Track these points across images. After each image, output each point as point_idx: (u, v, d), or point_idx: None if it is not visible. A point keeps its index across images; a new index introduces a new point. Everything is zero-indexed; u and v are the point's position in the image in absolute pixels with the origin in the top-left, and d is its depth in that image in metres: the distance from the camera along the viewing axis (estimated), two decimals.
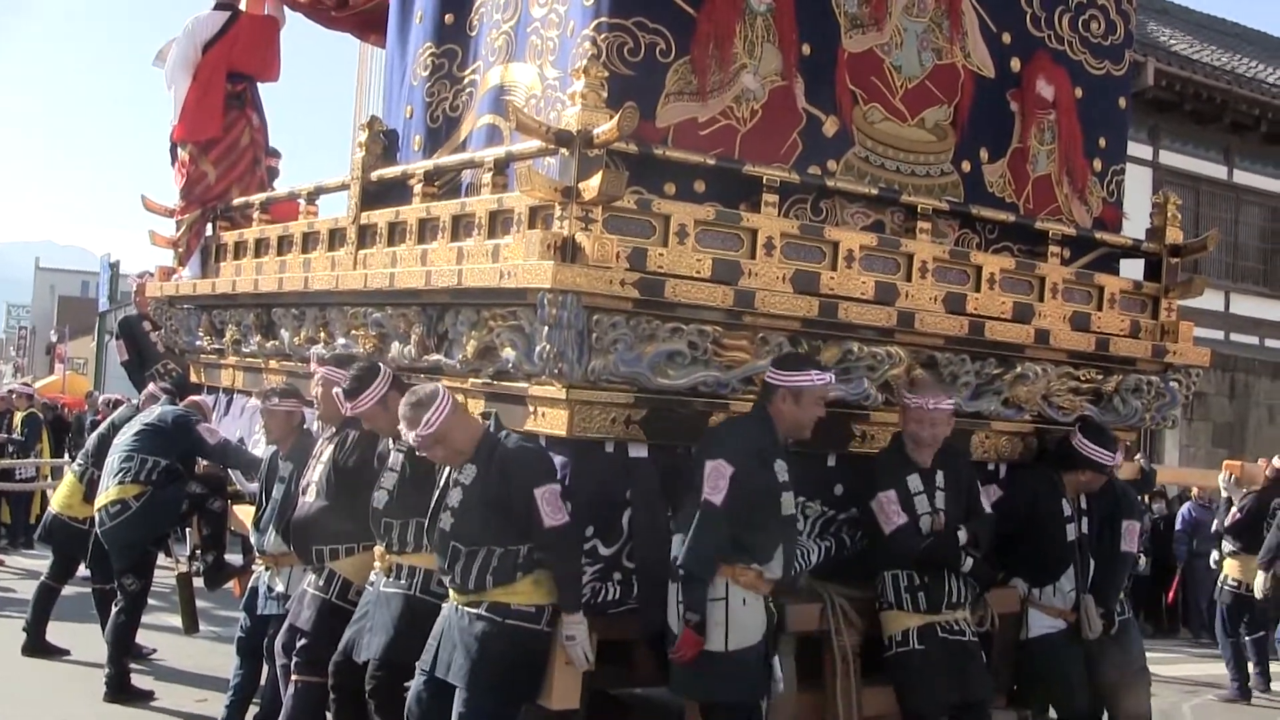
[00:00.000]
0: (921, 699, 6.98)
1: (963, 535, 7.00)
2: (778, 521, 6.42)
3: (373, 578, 7.04)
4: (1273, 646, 13.91)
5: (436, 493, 6.51)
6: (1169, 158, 23.03)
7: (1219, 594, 13.89)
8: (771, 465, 6.40)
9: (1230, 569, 13.64)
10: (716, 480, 6.22)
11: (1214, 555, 14.73)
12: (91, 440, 11.17)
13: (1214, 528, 14.91)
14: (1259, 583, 12.84)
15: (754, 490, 6.31)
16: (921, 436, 7.04)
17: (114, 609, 9.73)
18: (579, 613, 6.25)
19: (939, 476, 7.13)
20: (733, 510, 6.23)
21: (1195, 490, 17.85)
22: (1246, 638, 13.43)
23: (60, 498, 11.04)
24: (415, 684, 6.44)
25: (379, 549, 7.00)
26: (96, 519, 9.78)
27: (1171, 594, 17.95)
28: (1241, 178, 24.38)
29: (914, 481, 7.06)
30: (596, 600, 6.50)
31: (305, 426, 8.14)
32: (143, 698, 9.57)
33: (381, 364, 7.25)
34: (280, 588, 7.91)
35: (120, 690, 9.51)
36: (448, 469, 6.49)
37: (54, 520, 10.98)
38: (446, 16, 8.23)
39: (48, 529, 11.15)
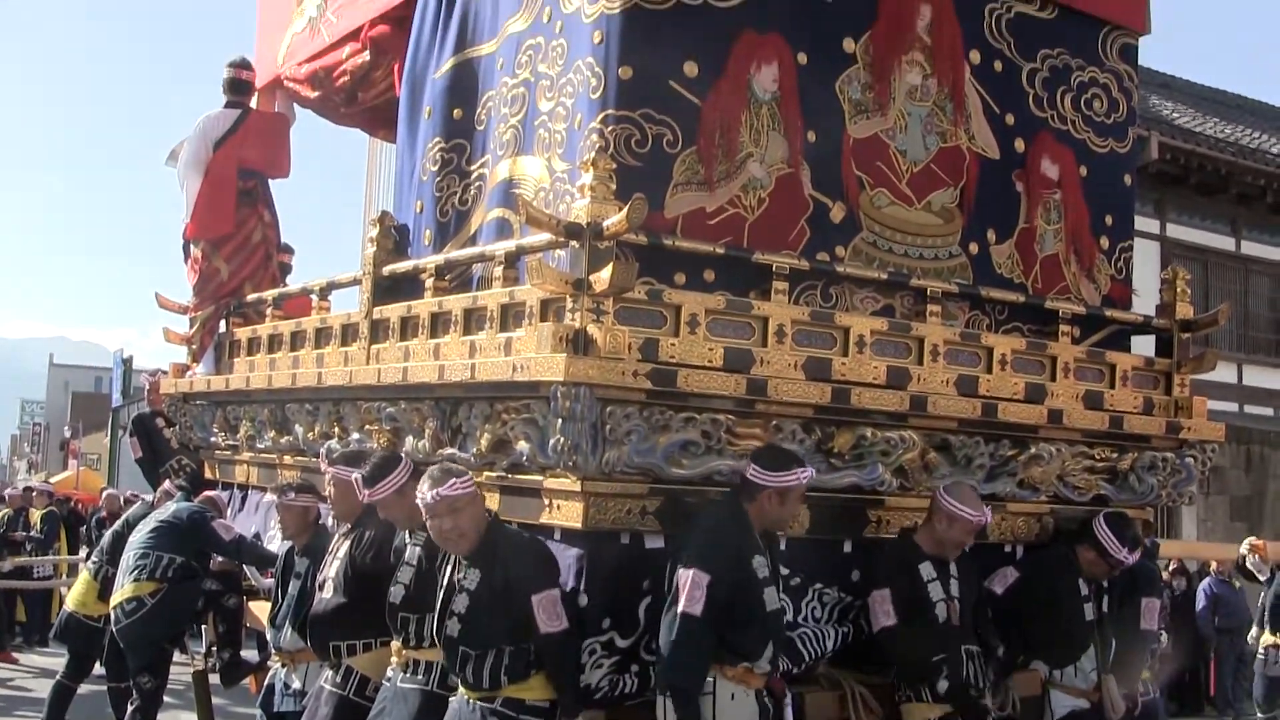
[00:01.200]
0: None
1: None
2: (761, 619, 6.34)
3: (389, 673, 7.02)
4: None
5: (440, 593, 6.50)
6: (1176, 230, 23.07)
7: (1261, 666, 13.98)
8: (749, 565, 6.33)
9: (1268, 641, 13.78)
10: (693, 591, 6.13)
11: (1252, 631, 14.72)
12: (106, 538, 11.19)
13: (1260, 601, 14.85)
14: None
15: (734, 594, 6.23)
16: (958, 542, 7.06)
17: (130, 708, 9.70)
18: (579, 719, 6.24)
19: (952, 566, 7.13)
20: (714, 617, 6.15)
21: (1214, 565, 17.77)
22: None
23: (75, 596, 11.05)
24: None
25: (395, 644, 6.98)
26: (112, 616, 9.78)
27: (1213, 672, 17.83)
28: (1249, 248, 24.40)
29: (927, 569, 7.04)
30: (614, 692, 6.46)
31: (321, 522, 8.14)
32: None
33: (403, 454, 7.25)
34: (297, 684, 7.88)
35: None
36: (449, 569, 6.49)
37: (69, 619, 10.98)
38: (455, 111, 8.28)
39: (63, 627, 11.16)
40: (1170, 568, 17.68)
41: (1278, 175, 23.65)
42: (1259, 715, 14.15)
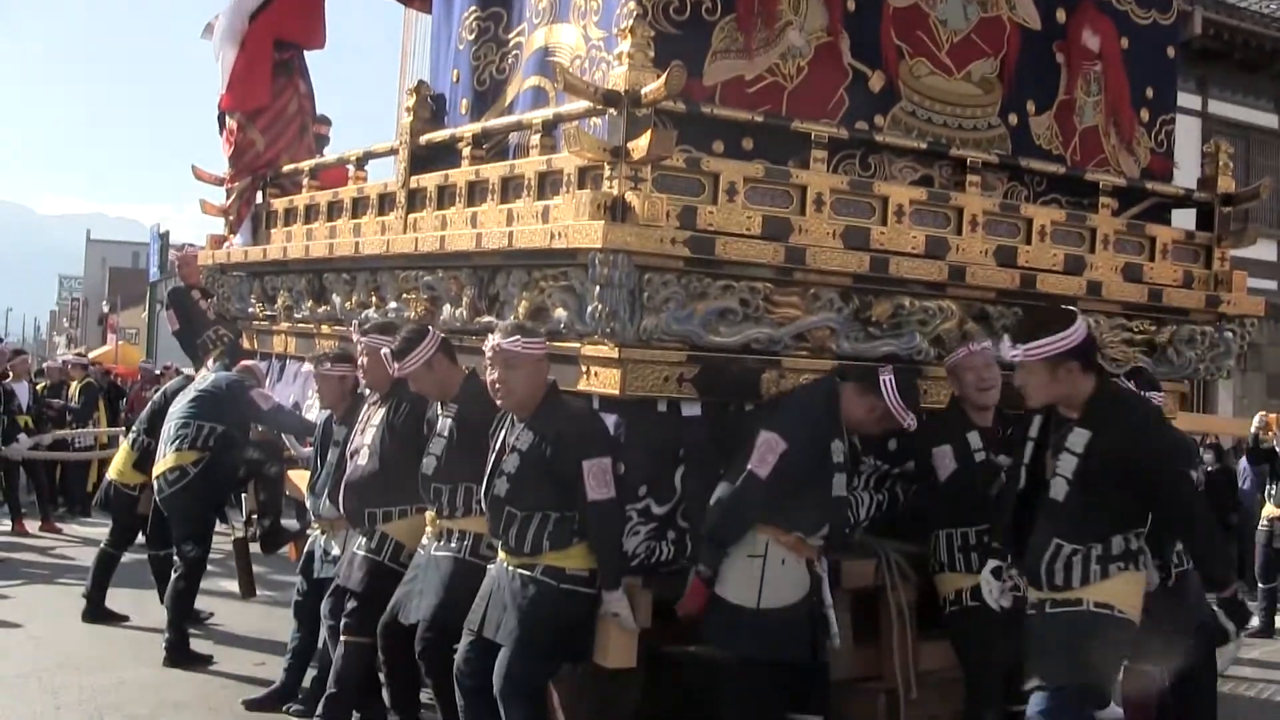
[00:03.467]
0: (979, 657, 6.94)
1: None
2: (826, 502, 6.41)
3: (424, 541, 7.10)
4: None
5: (492, 456, 6.54)
6: (1218, 107, 22.86)
7: (1264, 539, 14.05)
8: (828, 446, 6.40)
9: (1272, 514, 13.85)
10: (765, 453, 6.24)
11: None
12: (145, 410, 11.26)
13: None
14: None
15: (804, 469, 6.32)
16: (985, 402, 7.06)
17: (173, 575, 9.79)
18: (619, 589, 6.28)
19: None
20: (778, 485, 6.24)
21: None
22: None
23: (116, 465, 11.14)
24: (462, 644, 6.49)
25: (430, 513, 7.05)
26: (155, 486, 9.86)
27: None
28: None
29: (974, 438, 7.06)
30: (651, 559, 6.54)
31: (359, 391, 8.18)
32: (202, 662, 9.64)
33: (431, 327, 7.28)
34: (336, 551, 7.96)
35: (180, 655, 9.58)
36: (504, 431, 6.53)
37: (110, 487, 11.08)
38: None
39: (105, 496, 11.25)
40: (1205, 441, 17.61)
41: None
42: (1260, 586, 14.18)
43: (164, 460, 9.72)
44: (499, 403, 6.51)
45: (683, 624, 6.52)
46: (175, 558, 9.84)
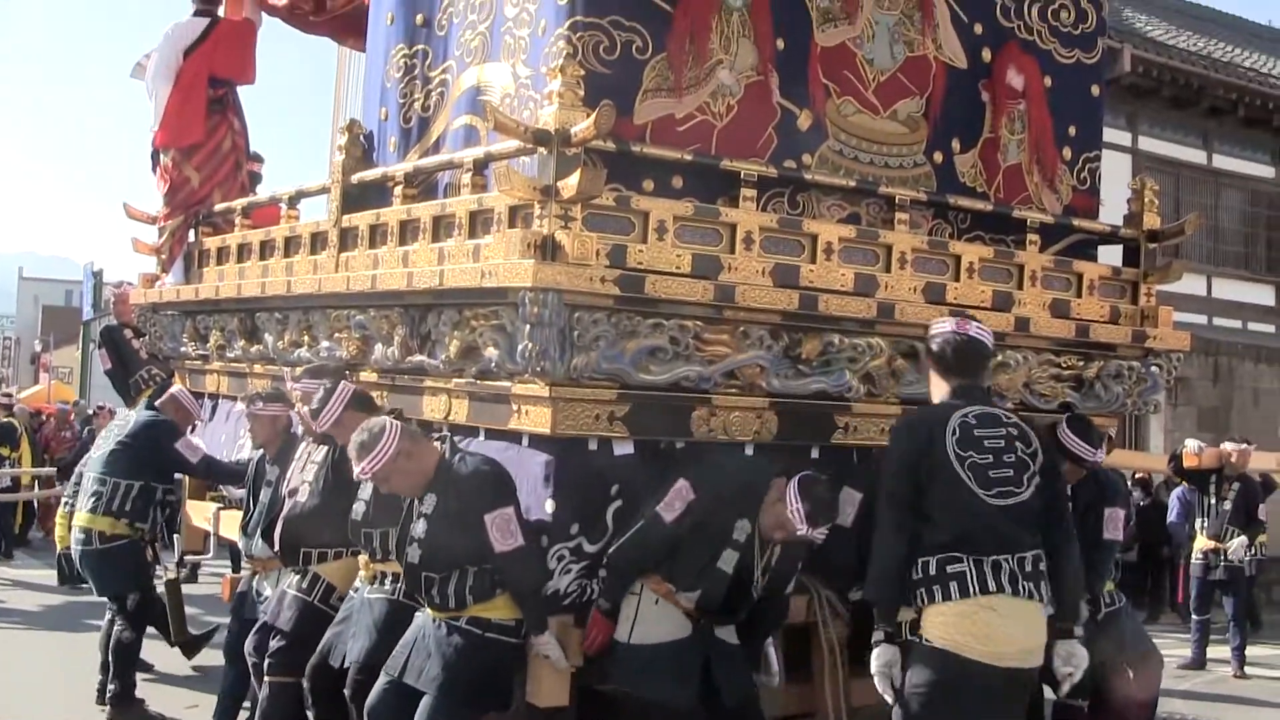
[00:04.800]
0: None
1: None
2: (707, 570, 6.35)
3: (357, 584, 7.08)
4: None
5: (402, 520, 6.56)
6: (1148, 143, 23.05)
7: (1199, 571, 14.20)
8: (732, 520, 6.36)
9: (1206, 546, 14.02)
10: (675, 499, 6.28)
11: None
12: (75, 472, 11.11)
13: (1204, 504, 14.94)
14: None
15: (703, 528, 6.31)
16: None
17: (116, 626, 9.62)
18: (546, 633, 6.30)
19: None
20: (675, 534, 6.28)
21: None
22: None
23: (60, 536, 10.99)
24: (378, 688, 6.45)
25: (363, 557, 7.04)
26: (72, 539, 9.76)
27: (1180, 582, 17.87)
28: (1221, 162, 24.39)
29: None
30: (583, 598, 6.54)
31: (292, 430, 8.16)
32: (137, 705, 9.53)
33: (344, 382, 7.29)
34: (268, 592, 7.93)
35: (125, 706, 9.43)
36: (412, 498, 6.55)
37: (67, 560, 10.89)
38: (417, 17, 8.30)
39: (71, 572, 11.07)
40: (1134, 477, 17.79)
41: (1249, 89, 23.63)
42: (1194, 618, 14.30)
43: (80, 514, 9.60)
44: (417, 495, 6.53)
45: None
46: (111, 608, 9.70)
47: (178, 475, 10.10)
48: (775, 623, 6.77)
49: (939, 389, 6.28)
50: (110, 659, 9.62)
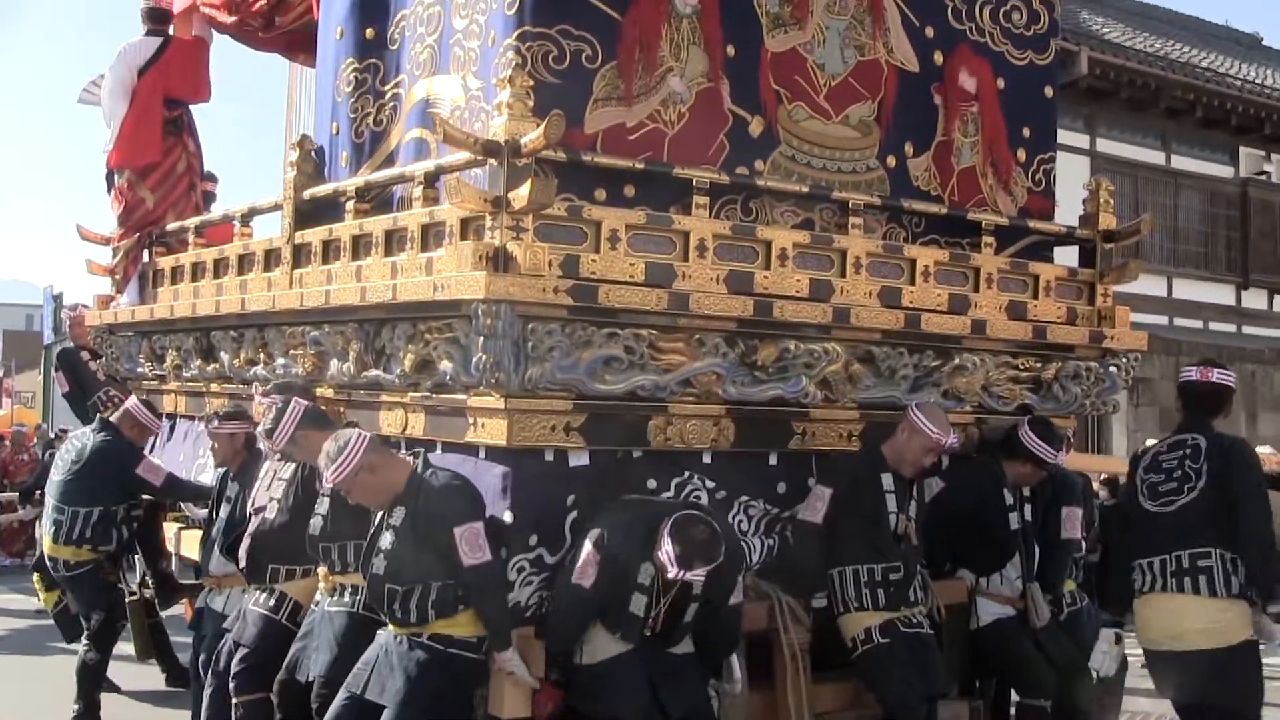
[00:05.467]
0: (897, 692, 6.99)
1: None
2: (621, 614, 6.34)
3: (317, 597, 7.04)
4: None
5: (371, 532, 6.53)
6: (1106, 145, 23.16)
7: None
8: (635, 570, 6.32)
9: None
10: (586, 565, 6.28)
11: None
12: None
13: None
14: None
15: (607, 583, 6.30)
16: (915, 459, 7.15)
17: (82, 647, 9.58)
18: (509, 649, 6.26)
19: (914, 486, 7.29)
20: (596, 595, 6.30)
21: None
22: None
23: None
24: (336, 704, 6.41)
25: (322, 570, 7.00)
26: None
27: None
28: (1179, 163, 24.53)
29: (887, 480, 7.14)
30: (543, 609, 6.51)
31: (256, 447, 8.12)
32: None
33: (295, 400, 7.22)
34: (218, 608, 7.90)
35: None
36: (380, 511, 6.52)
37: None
38: (367, 31, 8.23)
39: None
40: (1101, 477, 17.82)
41: (1206, 89, 23.78)
42: None
43: (45, 542, 9.56)
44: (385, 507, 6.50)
45: None
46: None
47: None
48: (726, 638, 6.70)
49: None
50: (76, 679, 9.57)
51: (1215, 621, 7.04)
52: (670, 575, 6.16)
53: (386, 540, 6.37)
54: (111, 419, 9.89)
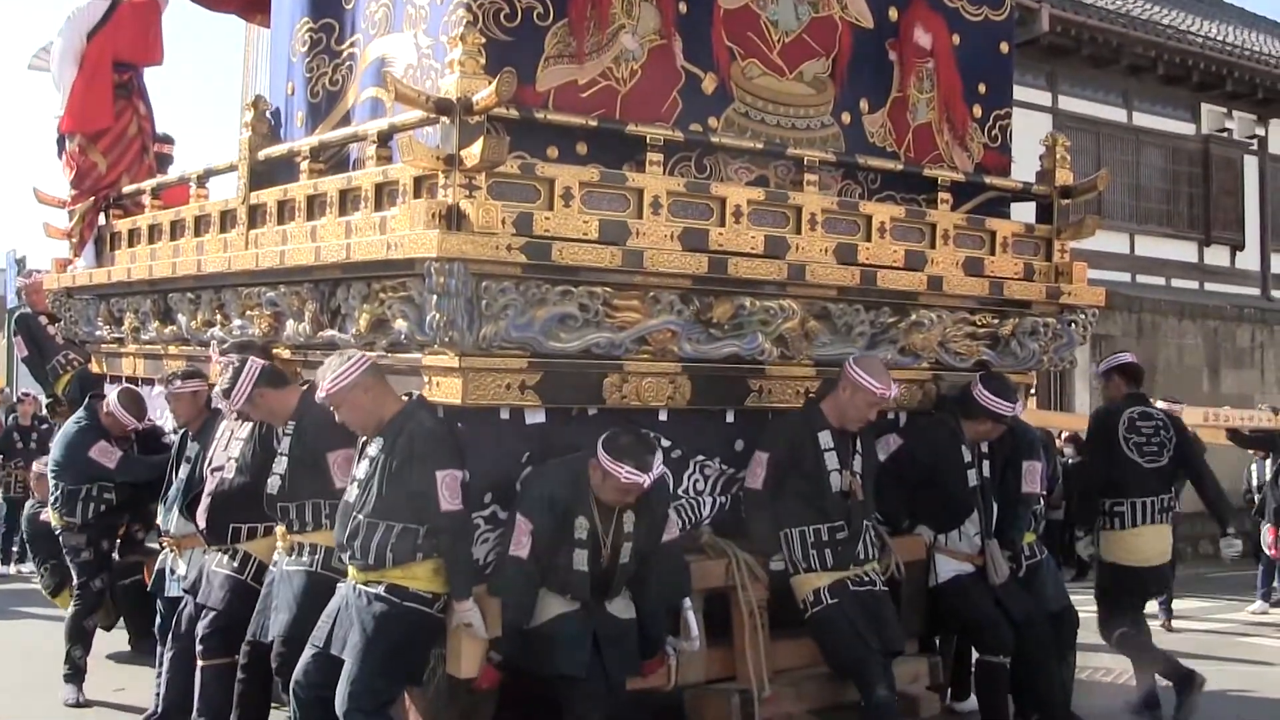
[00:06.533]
0: (848, 650, 7.06)
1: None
2: (567, 572, 6.43)
3: (275, 557, 7.03)
4: None
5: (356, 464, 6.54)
6: (1068, 102, 23.11)
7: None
8: (571, 521, 6.42)
9: None
10: (520, 535, 6.36)
11: None
12: None
13: None
14: None
15: (547, 544, 6.39)
16: (860, 415, 7.18)
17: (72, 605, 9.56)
18: (469, 599, 6.29)
19: (858, 441, 7.29)
20: (535, 567, 6.38)
21: None
22: None
23: None
24: (304, 659, 6.43)
25: (280, 529, 6.98)
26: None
27: None
28: (1141, 120, 24.48)
29: (825, 438, 7.15)
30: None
31: (214, 406, 8.08)
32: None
33: (252, 359, 7.15)
34: (182, 569, 7.87)
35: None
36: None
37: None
38: None
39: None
40: (1063, 435, 17.84)
41: (1168, 46, 23.72)
42: None
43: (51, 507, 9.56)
44: (370, 432, 6.49)
45: None
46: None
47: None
48: (673, 579, 6.75)
49: None
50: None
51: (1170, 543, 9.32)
52: (626, 481, 6.27)
53: (362, 469, 6.40)
54: (100, 406, 9.83)
